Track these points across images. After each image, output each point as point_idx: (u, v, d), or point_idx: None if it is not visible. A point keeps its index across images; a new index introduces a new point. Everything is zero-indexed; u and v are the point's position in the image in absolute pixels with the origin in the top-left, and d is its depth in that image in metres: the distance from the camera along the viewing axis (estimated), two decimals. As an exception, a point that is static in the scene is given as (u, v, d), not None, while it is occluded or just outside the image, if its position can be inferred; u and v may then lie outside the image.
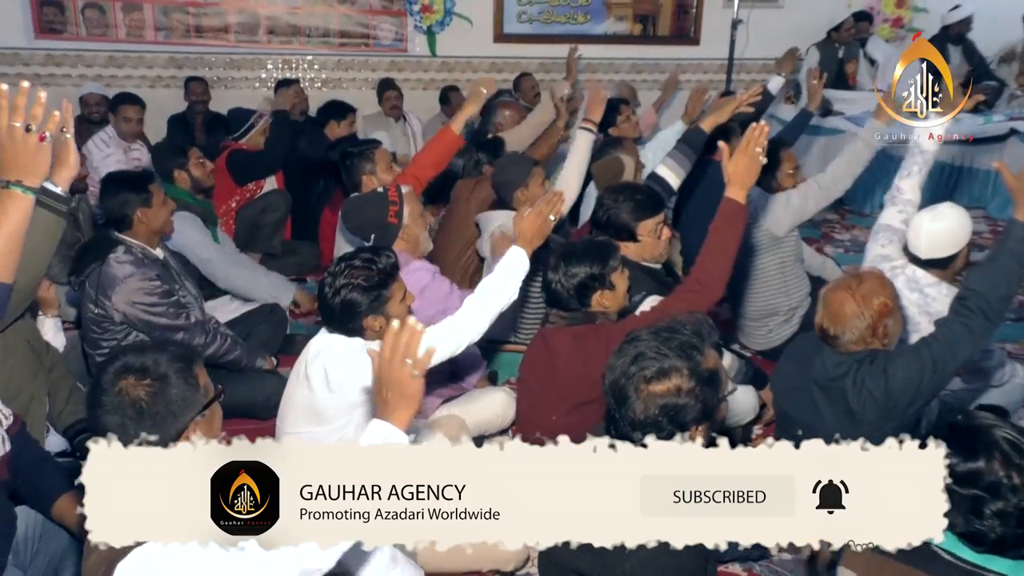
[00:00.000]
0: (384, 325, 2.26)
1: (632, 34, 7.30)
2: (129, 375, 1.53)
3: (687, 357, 1.66)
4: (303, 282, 4.76)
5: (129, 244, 3.00)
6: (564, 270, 2.41)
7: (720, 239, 2.41)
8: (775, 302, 3.70)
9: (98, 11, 6.28)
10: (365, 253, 2.32)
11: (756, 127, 2.35)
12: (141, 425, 1.49)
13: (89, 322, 3.00)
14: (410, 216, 3.04)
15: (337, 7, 6.68)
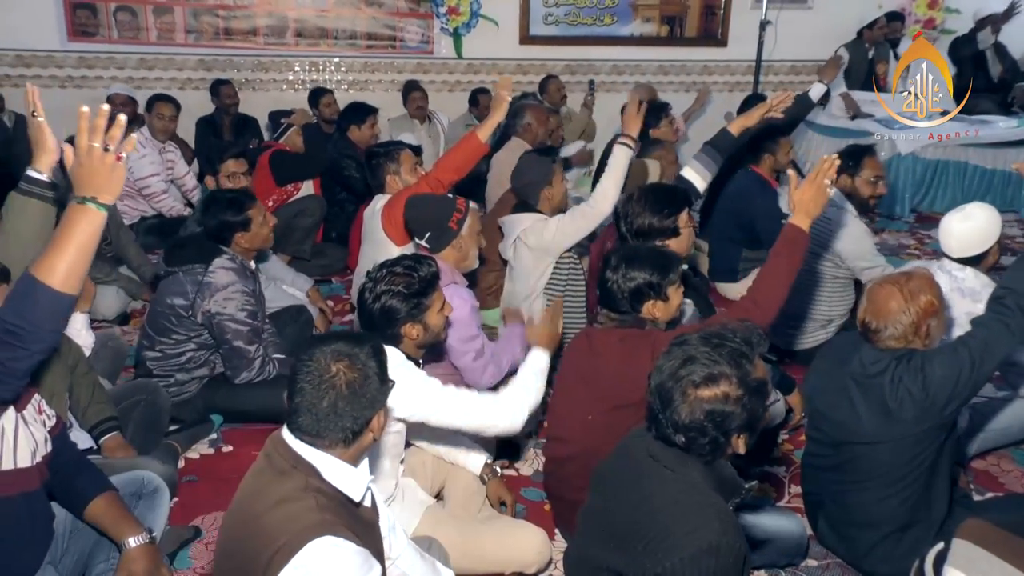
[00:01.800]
0: (421, 334, 2.28)
1: (659, 36, 7.27)
2: (334, 357, 1.61)
3: (737, 365, 1.66)
4: (328, 283, 4.80)
5: (232, 254, 3.11)
6: (623, 272, 2.39)
7: (780, 264, 2.43)
8: (816, 309, 3.66)
9: (130, 14, 6.37)
10: (407, 260, 2.32)
11: (827, 159, 2.42)
12: (342, 406, 1.60)
13: (167, 311, 3.05)
14: (468, 229, 3.04)
15: (364, 9, 6.72)
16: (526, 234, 3.45)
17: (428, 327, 2.29)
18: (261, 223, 3.17)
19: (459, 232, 3.01)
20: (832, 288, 3.65)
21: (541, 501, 2.86)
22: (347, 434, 1.62)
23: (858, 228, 3.59)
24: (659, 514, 1.65)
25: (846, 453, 2.39)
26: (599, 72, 7.19)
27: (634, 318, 2.42)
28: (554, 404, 2.65)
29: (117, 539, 2.10)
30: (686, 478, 1.68)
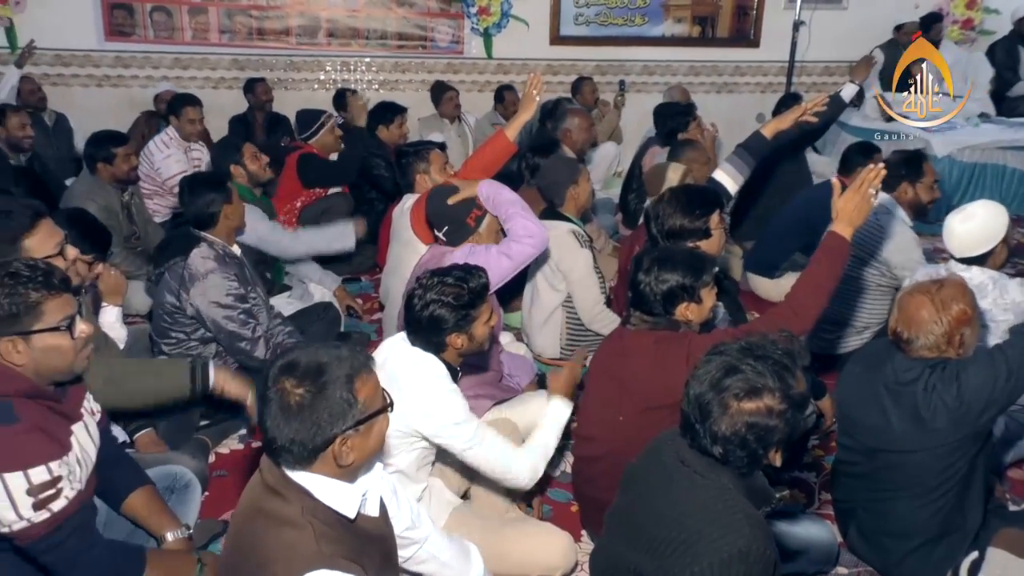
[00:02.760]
0: (466, 344, 2.28)
1: (690, 36, 7.22)
2: (291, 376, 1.53)
3: (780, 378, 1.63)
4: (357, 281, 4.82)
5: (211, 241, 3.10)
6: (656, 274, 2.37)
7: (820, 272, 2.40)
8: (856, 315, 3.62)
9: (165, 14, 6.46)
10: (458, 271, 2.32)
11: (872, 169, 2.38)
12: (289, 427, 1.52)
13: (162, 311, 3.10)
14: (487, 228, 3.06)
15: (396, 10, 6.75)
16: (552, 244, 3.47)
17: (473, 338, 2.29)
18: (237, 199, 3.18)
19: (476, 229, 3.03)
20: (875, 296, 3.60)
21: (568, 502, 2.85)
22: (303, 452, 1.54)
23: (908, 237, 3.54)
24: (688, 519, 1.64)
25: (878, 461, 2.36)
26: (629, 73, 7.16)
27: (667, 320, 2.39)
28: (584, 404, 2.64)
29: (156, 533, 2.14)
30: (717, 484, 1.66)
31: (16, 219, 2.33)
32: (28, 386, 1.81)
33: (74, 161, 5.62)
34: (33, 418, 1.79)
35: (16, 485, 1.73)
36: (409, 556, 1.99)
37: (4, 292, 1.76)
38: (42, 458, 1.77)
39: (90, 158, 4.14)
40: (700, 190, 3.12)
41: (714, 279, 2.47)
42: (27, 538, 1.78)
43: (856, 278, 3.54)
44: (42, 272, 1.83)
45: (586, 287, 3.54)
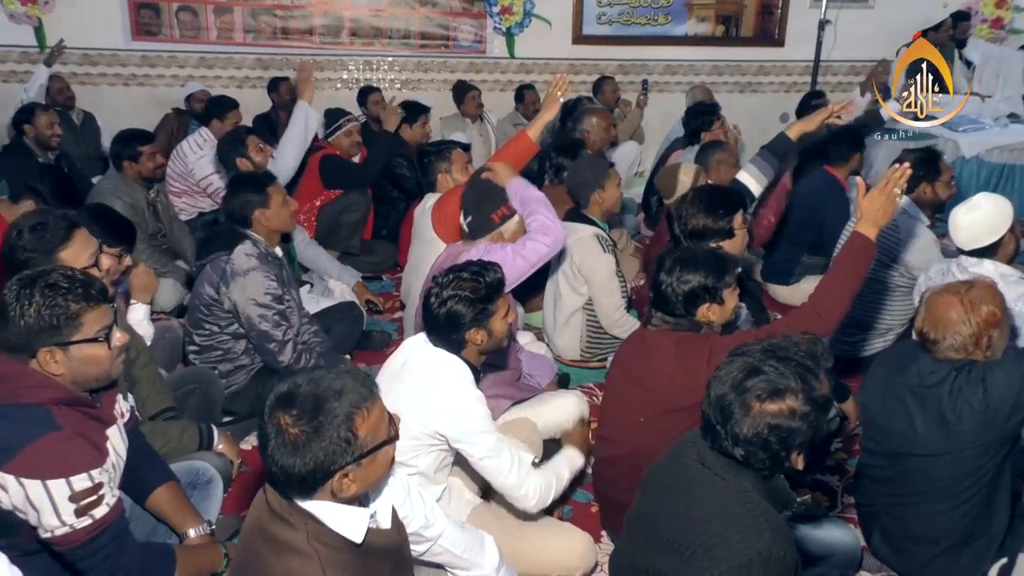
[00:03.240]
0: (485, 340, 2.28)
1: (714, 35, 7.18)
2: (288, 412, 1.48)
3: (803, 380, 1.61)
4: (378, 280, 4.84)
5: (255, 240, 3.13)
6: (678, 275, 2.35)
7: (843, 272, 2.39)
8: (875, 317, 3.58)
9: (191, 14, 6.52)
10: (474, 266, 2.32)
11: (898, 168, 2.36)
12: (286, 461, 1.48)
13: (200, 303, 3.13)
14: (511, 230, 3.06)
15: (419, 9, 6.77)
16: (575, 247, 3.46)
17: (492, 333, 2.29)
18: (281, 203, 3.17)
19: (499, 227, 3.03)
20: (895, 297, 3.56)
21: (588, 503, 2.84)
22: (302, 487, 1.52)
23: (928, 239, 3.50)
24: (708, 521, 1.63)
25: (902, 465, 2.33)
26: (652, 72, 7.13)
27: (689, 321, 2.38)
28: (604, 405, 2.63)
29: (179, 529, 2.16)
30: (737, 487, 1.65)
31: (51, 232, 2.35)
32: (65, 394, 1.84)
33: (101, 159, 5.69)
34: (73, 425, 1.82)
35: (59, 492, 1.75)
36: (424, 551, 2.00)
37: (44, 303, 1.78)
38: (84, 466, 1.79)
39: (116, 156, 4.19)
40: (723, 190, 3.11)
41: (737, 280, 2.45)
42: (68, 544, 1.80)
43: (877, 280, 3.50)
44: (80, 283, 1.85)
45: (607, 292, 3.52)
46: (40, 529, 1.78)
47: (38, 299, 1.79)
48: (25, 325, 1.78)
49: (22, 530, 1.79)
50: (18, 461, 1.72)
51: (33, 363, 1.82)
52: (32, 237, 2.33)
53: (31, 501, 1.74)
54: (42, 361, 1.81)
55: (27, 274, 1.86)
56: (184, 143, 5.18)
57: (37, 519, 1.77)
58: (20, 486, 1.73)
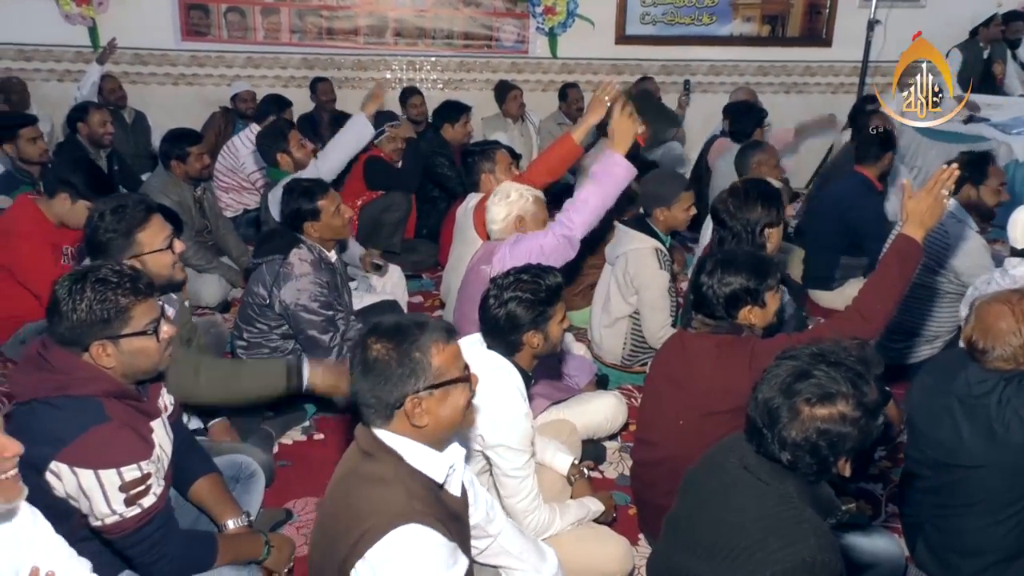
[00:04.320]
0: (541, 343, 2.28)
1: (759, 35, 7.09)
2: (373, 335, 1.66)
3: (854, 385, 1.59)
4: (419, 279, 4.87)
5: (310, 245, 3.19)
6: (719, 276, 2.33)
7: (889, 275, 2.35)
8: (923, 323, 3.52)
9: (239, 14, 6.63)
10: (534, 268, 2.33)
11: (946, 169, 2.32)
12: (367, 381, 1.64)
13: (251, 301, 3.18)
14: (532, 217, 3.07)
15: (462, 9, 6.80)
16: (631, 256, 3.45)
17: (548, 337, 2.29)
18: (333, 214, 3.20)
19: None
20: (943, 303, 3.48)
21: (626, 505, 2.83)
22: (379, 407, 1.64)
23: (977, 244, 3.42)
24: (751, 526, 1.61)
25: (948, 475, 2.28)
26: (696, 73, 7.06)
27: (730, 324, 2.36)
28: (643, 408, 2.62)
29: (218, 520, 2.21)
30: (780, 492, 1.63)
31: (130, 213, 2.44)
32: (115, 386, 1.89)
33: (150, 157, 5.82)
34: (122, 417, 1.87)
35: (110, 482, 1.80)
36: (483, 548, 2.01)
37: (95, 298, 1.83)
38: (134, 456, 1.84)
39: (165, 155, 4.28)
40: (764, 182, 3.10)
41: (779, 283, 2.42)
42: (117, 532, 1.85)
43: (925, 285, 3.43)
44: (129, 278, 1.90)
45: (656, 309, 3.46)
46: (91, 517, 1.83)
47: (89, 294, 1.83)
48: (77, 319, 1.83)
49: (74, 518, 1.84)
50: (71, 450, 1.77)
51: (86, 356, 1.86)
52: (113, 219, 2.42)
53: (83, 489, 1.79)
54: (94, 354, 1.86)
55: (78, 269, 1.92)
56: (236, 138, 5.30)
57: (89, 507, 1.82)
58: (73, 475, 1.78)
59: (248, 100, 6.17)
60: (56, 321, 1.85)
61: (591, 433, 3.03)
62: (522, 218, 3.07)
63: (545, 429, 2.73)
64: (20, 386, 1.89)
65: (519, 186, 3.18)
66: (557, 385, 3.13)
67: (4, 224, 3.54)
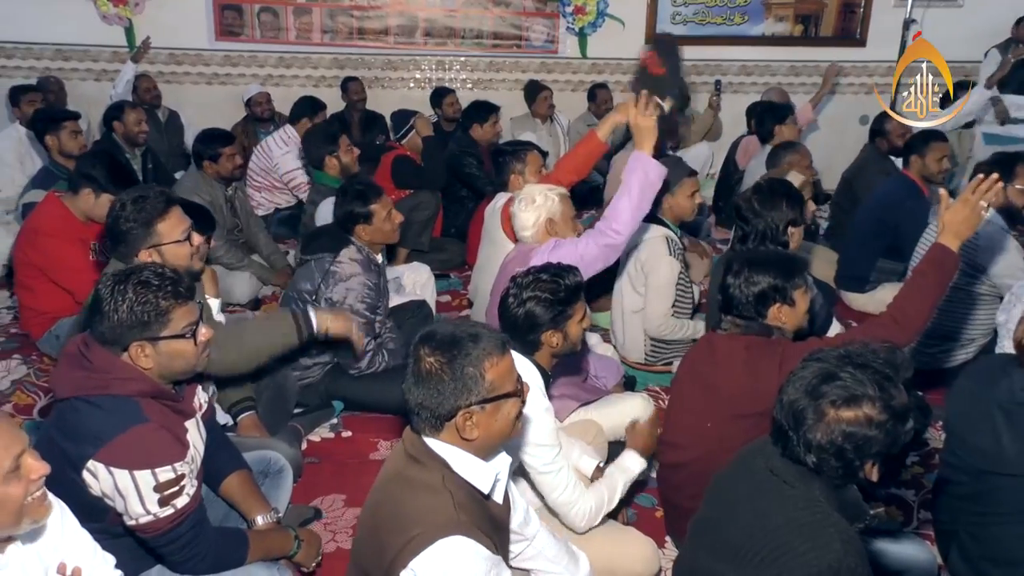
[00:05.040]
0: (561, 342, 2.27)
1: (792, 35, 7.02)
2: (427, 345, 1.63)
3: (881, 388, 1.56)
4: (446, 278, 4.89)
5: (360, 246, 3.22)
6: (746, 276, 2.32)
7: (925, 284, 2.33)
8: (957, 327, 3.46)
9: (272, 15, 6.70)
10: (554, 268, 2.33)
11: (984, 179, 2.29)
12: (419, 391, 1.62)
13: (296, 295, 3.21)
14: (562, 216, 3.06)
15: (492, 9, 6.81)
16: (643, 246, 3.44)
17: (568, 336, 2.28)
18: (384, 218, 3.24)
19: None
20: (977, 307, 3.42)
21: (653, 507, 2.81)
22: (430, 418, 1.63)
23: (1007, 243, 3.35)
24: (776, 531, 1.59)
25: (986, 483, 2.23)
26: (727, 73, 7.01)
27: (760, 325, 2.33)
28: (670, 409, 2.60)
29: (247, 515, 2.23)
30: (807, 496, 1.61)
31: (151, 204, 2.48)
32: (152, 387, 1.91)
33: (184, 156, 5.90)
34: (159, 418, 1.89)
35: (145, 482, 1.83)
36: (518, 552, 2.01)
37: (136, 300, 1.86)
38: (169, 458, 1.86)
39: (198, 155, 4.33)
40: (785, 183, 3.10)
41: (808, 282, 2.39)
42: (151, 531, 1.88)
43: (959, 288, 3.38)
44: (170, 281, 1.92)
45: (660, 296, 3.46)
46: (126, 516, 1.86)
47: (131, 295, 1.86)
48: (118, 319, 1.85)
49: (108, 515, 1.87)
50: (108, 450, 1.80)
51: (125, 356, 1.89)
52: (133, 209, 2.46)
53: (119, 489, 1.82)
54: (133, 355, 1.88)
55: (121, 271, 1.94)
56: (270, 139, 5.36)
57: (124, 507, 1.84)
58: (109, 474, 1.81)
59: (263, 103, 6.21)
60: (98, 320, 1.88)
61: (618, 434, 3.01)
62: (552, 220, 3.07)
63: (571, 430, 2.73)
64: (61, 383, 1.91)
65: (541, 187, 3.18)
66: (585, 386, 3.12)
67: (33, 223, 3.60)
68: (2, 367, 3.72)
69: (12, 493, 1.44)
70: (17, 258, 3.67)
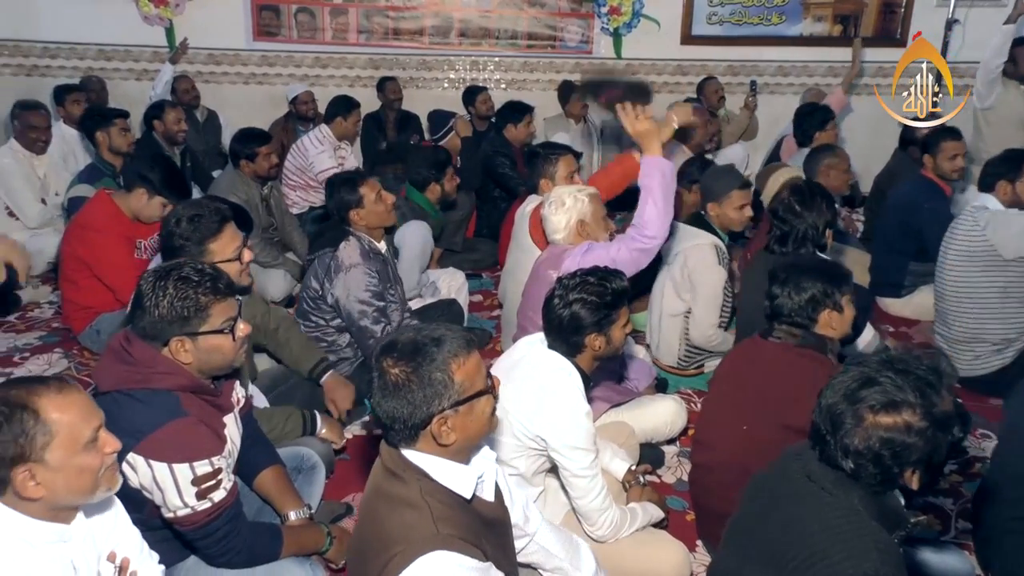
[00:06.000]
0: (603, 346, 2.27)
1: (831, 35, 6.92)
2: (390, 356, 1.59)
3: (922, 394, 1.54)
4: (478, 278, 4.90)
5: (359, 236, 3.24)
6: (795, 283, 2.31)
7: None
8: (988, 327, 3.40)
9: (309, 15, 6.77)
10: (600, 271, 2.33)
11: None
12: (388, 404, 1.59)
13: (307, 295, 3.26)
14: (593, 217, 3.05)
15: (527, 10, 6.81)
16: (690, 252, 3.41)
17: (611, 340, 2.28)
18: (375, 200, 3.24)
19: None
20: (1003, 303, 3.36)
21: (683, 511, 2.79)
22: (404, 429, 1.60)
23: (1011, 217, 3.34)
24: (812, 538, 1.57)
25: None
26: (763, 73, 6.94)
27: (813, 335, 2.31)
28: (706, 407, 2.58)
29: (280, 510, 2.26)
30: (844, 503, 1.58)
31: (205, 223, 2.53)
32: (191, 381, 1.94)
33: (221, 155, 5.99)
34: (197, 412, 1.92)
35: (183, 475, 1.86)
36: (521, 548, 2.00)
37: (177, 295, 1.89)
38: (207, 452, 1.89)
39: (235, 154, 4.39)
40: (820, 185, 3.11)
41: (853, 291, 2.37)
42: (188, 524, 1.91)
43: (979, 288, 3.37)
44: (210, 277, 1.95)
45: (709, 307, 3.42)
46: (164, 509, 1.89)
47: (171, 291, 1.89)
48: (159, 314, 1.89)
49: (147, 508, 1.91)
50: (148, 443, 1.83)
51: (165, 351, 1.92)
52: (189, 227, 2.52)
53: (157, 482, 1.85)
54: (173, 349, 1.91)
55: (162, 266, 1.98)
56: (305, 139, 5.42)
57: (162, 499, 1.87)
58: (148, 467, 1.84)
59: (308, 102, 6.29)
60: (139, 315, 1.91)
61: (649, 437, 3.00)
62: (583, 222, 3.05)
63: (602, 431, 2.71)
64: (103, 376, 1.95)
65: (570, 189, 3.16)
66: (617, 388, 3.10)
67: (82, 219, 3.68)
68: (43, 360, 3.81)
69: (90, 463, 1.54)
70: (64, 251, 3.75)
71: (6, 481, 1.47)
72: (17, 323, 4.22)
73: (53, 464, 1.48)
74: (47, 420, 1.47)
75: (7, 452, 1.45)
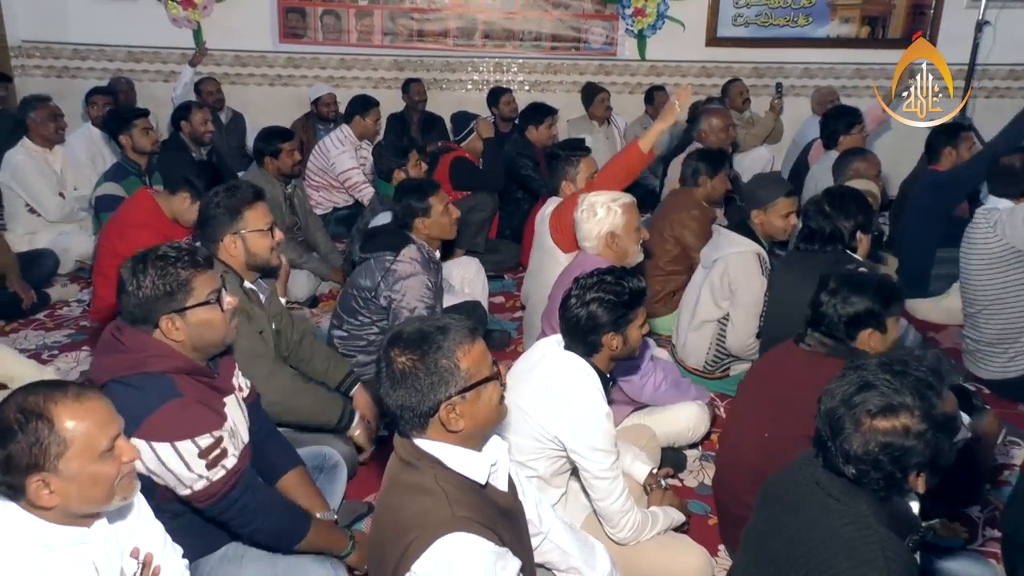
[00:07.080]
0: (620, 346, 2.26)
1: (858, 37, 6.85)
2: (396, 346, 1.62)
3: (921, 396, 1.51)
4: (500, 279, 4.90)
5: (419, 244, 3.26)
6: (844, 295, 2.25)
7: None
8: (1018, 325, 3.35)
9: (334, 17, 6.81)
10: (618, 271, 2.33)
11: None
12: (396, 393, 1.61)
13: (355, 292, 3.26)
14: (625, 229, 3.02)
15: (551, 12, 6.81)
16: (732, 260, 3.37)
17: (628, 340, 2.27)
18: (442, 212, 3.26)
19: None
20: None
21: (705, 515, 2.78)
22: (413, 418, 1.62)
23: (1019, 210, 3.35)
24: (818, 546, 1.55)
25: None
26: (789, 75, 6.88)
27: (848, 348, 2.26)
28: (735, 407, 2.56)
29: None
30: (852, 510, 1.56)
31: (242, 193, 2.63)
32: (186, 363, 1.95)
33: (245, 156, 6.04)
34: (193, 392, 1.93)
35: (188, 451, 1.87)
36: (535, 546, 1.99)
37: (157, 274, 1.91)
38: (207, 427, 1.91)
39: (258, 152, 4.43)
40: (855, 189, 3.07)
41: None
42: (207, 498, 1.92)
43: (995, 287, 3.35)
44: (187, 251, 1.97)
45: (748, 316, 3.36)
46: (180, 487, 1.90)
47: (151, 271, 1.91)
48: (143, 296, 1.90)
49: (157, 492, 1.91)
50: (147, 427, 1.84)
51: (157, 333, 1.93)
52: (226, 195, 2.61)
53: (163, 463, 1.86)
54: (164, 329, 1.92)
55: (139, 252, 1.98)
56: (327, 139, 5.46)
57: (175, 479, 1.89)
58: (152, 450, 1.85)
59: (330, 104, 6.33)
60: (124, 302, 1.93)
61: (671, 440, 2.99)
62: (613, 234, 3.03)
63: (624, 434, 2.70)
64: (97, 369, 1.96)
65: (604, 197, 3.08)
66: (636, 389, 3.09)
67: (123, 216, 3.73)
68: (72, 358, 3.87)
69: (106, 471, 1.53)
70: (102, 246, 3.78)
71: (21, 489, 1.48)
72: (47, 321, 4.29)
73: (67, 474, 1.47)
74: (61, 429, 1.46)
75: (21, 460, 1.45)
